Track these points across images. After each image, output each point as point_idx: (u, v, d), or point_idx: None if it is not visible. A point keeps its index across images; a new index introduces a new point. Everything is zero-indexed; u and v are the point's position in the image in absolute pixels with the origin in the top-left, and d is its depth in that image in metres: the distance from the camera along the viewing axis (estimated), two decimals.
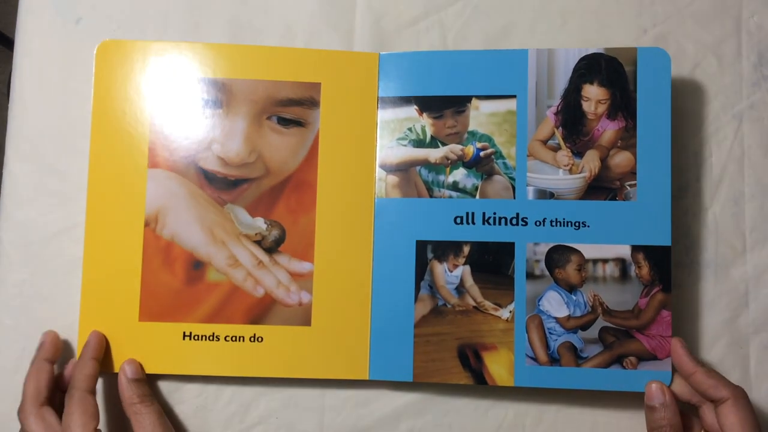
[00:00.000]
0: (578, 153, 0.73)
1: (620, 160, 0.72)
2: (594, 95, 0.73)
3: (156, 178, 0.73)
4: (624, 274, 0.71)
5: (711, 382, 0.66)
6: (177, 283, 0.73)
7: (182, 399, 0.74)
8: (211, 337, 0.73)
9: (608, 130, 0.72)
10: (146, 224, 0.73)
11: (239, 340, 0.73)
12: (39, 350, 0.71)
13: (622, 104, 0.72)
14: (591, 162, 0.72)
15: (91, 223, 0.73)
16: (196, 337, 0.73)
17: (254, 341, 0.73)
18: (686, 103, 0.78)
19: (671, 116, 0.71)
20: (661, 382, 0.68)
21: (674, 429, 0.66)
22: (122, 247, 0.73)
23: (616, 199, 0.71)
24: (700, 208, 0.77)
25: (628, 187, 0.71)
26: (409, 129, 0.75)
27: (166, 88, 0.74)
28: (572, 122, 0.73)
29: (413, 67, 0.75)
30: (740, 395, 0.65)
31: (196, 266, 0.73)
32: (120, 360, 0.72)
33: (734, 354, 0.75)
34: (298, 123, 0.74)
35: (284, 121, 0.74)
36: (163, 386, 0.75)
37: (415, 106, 0.75)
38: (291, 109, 0.74)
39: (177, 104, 0.74)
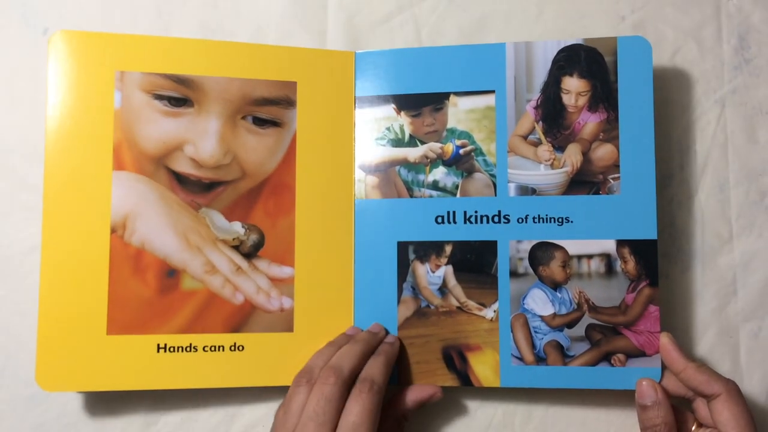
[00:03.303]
0: (559, 147, 0.72)
1: (603, 153, 0.71)
2: (574, 87, 0.72)
3: (122, 181, 0.70)
4: (609, 270, 0.70)
5: (702, 378, 0.65)
6: (149, 293, 0.70)
7: (166, 412, 0.74)
8: (188, 349, 0.70)
9: (589, 123, 0.72)
10: (113, 231, 0.69)
11: (219, 350, 0.70)
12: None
13: (603, 96, 0.71)
14: (573, 156, 0.72)
15: (48, 230, 0.69)
16: (171, 349, 0.70)
17: (235, 350, 0.71)
18: (667, 90, 0.77)
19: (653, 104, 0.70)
20: (652, 379, 0.68)
21: (668, 427, 0.65)
22: (85, 256, 0.69)
23: (599, 193, 0.71)
24: (685, 196, 0.76)
25: (611, 180, 0.70)
26: (388, 128, 0.74)
27: (131, 84, 0.71)
28: (552, 116, 0.72)
29: (390, 64, 0.74)
30: (732, 390, 0.64)
31: (170, 274, 0.70)
32: (87, 378, 0.68)
33: (724, 344, 0.74)
34: (274, 123, 0.73)
35: (260, 121, 0.72)
36: (147, 399, 0.73)
37: (393, 105, 0.74)
38: (266, 108, 0.72)
39: (143, 102, 0.71)
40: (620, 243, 0.70)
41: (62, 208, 0.69)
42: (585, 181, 0.71)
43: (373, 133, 0.74)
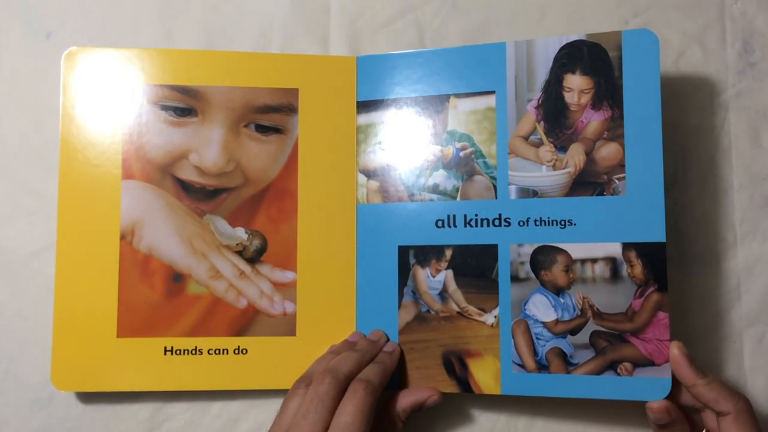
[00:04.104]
0: (562, 147, 0.62)
1: (607, 152, 0.60)
2: (576, 85, 0.61)
3: (131, 189, 0.64)
4: (615, 274, 0.59)
5: (712, 395, 0.55)
6: (156, 297, 0.63)
7: (169, 415, 0.65)
8: (193, 351, 0.63)
9: (593, 122, 0.61)
10: (122, 237, 0.63)
11: (223, 353, 0.63)
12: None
13: (608, 93, 0.61)
14: (575, 156, 0.61)
15: (63, 237, 0.63)
16: (177, 352, 0.63)
17: (238, 353, 0.64)
18: (671, 93, 0.68)
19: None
20: (663, 401, 0.57)
21: None
22: (97, 262, 0.63)
23: (603, 194, 0.60)
24: (689, 200, 0.67)
25: (616, 180, 0.60)
26: (388, 132, 0.65)
27: (138, 96, 0.65)
28: (554, 115, 0.62)
29: (390, 68, 0.65)
30: (742, 410, 0.54)
31: (176, 279, 0.64)
32: (98, 378, 0.62)
33: (727, 349, 0.65)
34: (276, 130, 0.66)
35: (262, 129, 0.65)
36: (150, 402, 0.65)
37: (393, 109, 0.65)
38: (269, 116, 0.65)
39: (150, 113, 0.65)
40: (626, 246, 0.59)
41: (75, 216, 0.64)
42: (588, 182, 0.61)
43: (375, 137, 0.65)
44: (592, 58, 0.61)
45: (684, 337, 0.63)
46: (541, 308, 0.60)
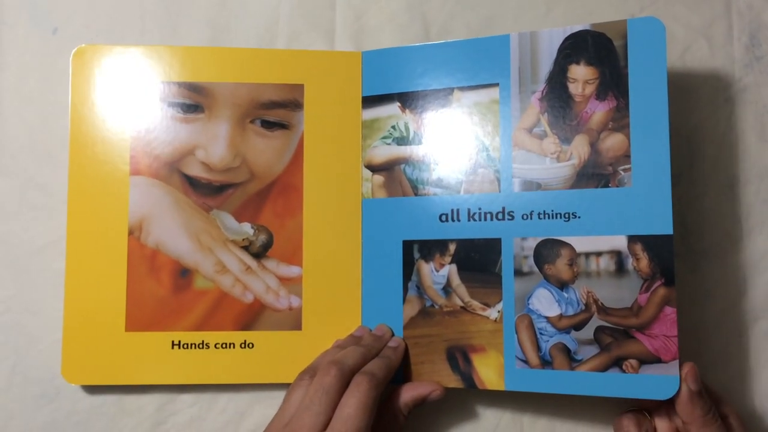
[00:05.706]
0: (566, 139, 0.58)
1: (612, 143, 0.56)
2: (581, 75, 0.57)
3: (139, 185, 0.61)
4: (620, 268, 0.55)
5: None
6: (164, 292, 0.61)
7: (176, 409, 0.62)
8: (200, 345, 0.61)
9: (598, 112, 0.57)
10: (130, 233, 0.61)
11: (229, 347, 0.61)
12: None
13: (613, 82, 0.56)
14: (579, 147, 0.57)
15: (72, 233, 0.61)
16: (185, 346, 0.61)
17: (245, 348, 0.61)
18: (677, 88, 0.64)
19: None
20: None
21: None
22: (106, 257, 0.61)
23: (608, 186, 0.56)
24: (695, 195, 0.63)
25: (621, 171, 0.55)
26: (393, 127, 0.62)
27: (146, 93, 0.62)
28: (558, 107, 0.58)
29: (394, 62, 0.62)
30: None
31: (183, 274, 0.61)
32: (107, 372, 0.60)
33: (733, 343, 0.62)
34: (282, 125, 0.63)
35: (268, 124, 0.62)
36: (157, 396, 0.62)
37: (398, 103, 0.62)
38: (274, 111, 0.63)
39: (158, 109, 0.62)
40: (632, 239, 0.55)
41: (84, 212, 0.61)
42: (593, 174, 0.56)
43: (380, 132, 0.62)
44: (596, 47, 0.57)
45: (689, 332, 0.61)
46: (545, 303, 0.56)
